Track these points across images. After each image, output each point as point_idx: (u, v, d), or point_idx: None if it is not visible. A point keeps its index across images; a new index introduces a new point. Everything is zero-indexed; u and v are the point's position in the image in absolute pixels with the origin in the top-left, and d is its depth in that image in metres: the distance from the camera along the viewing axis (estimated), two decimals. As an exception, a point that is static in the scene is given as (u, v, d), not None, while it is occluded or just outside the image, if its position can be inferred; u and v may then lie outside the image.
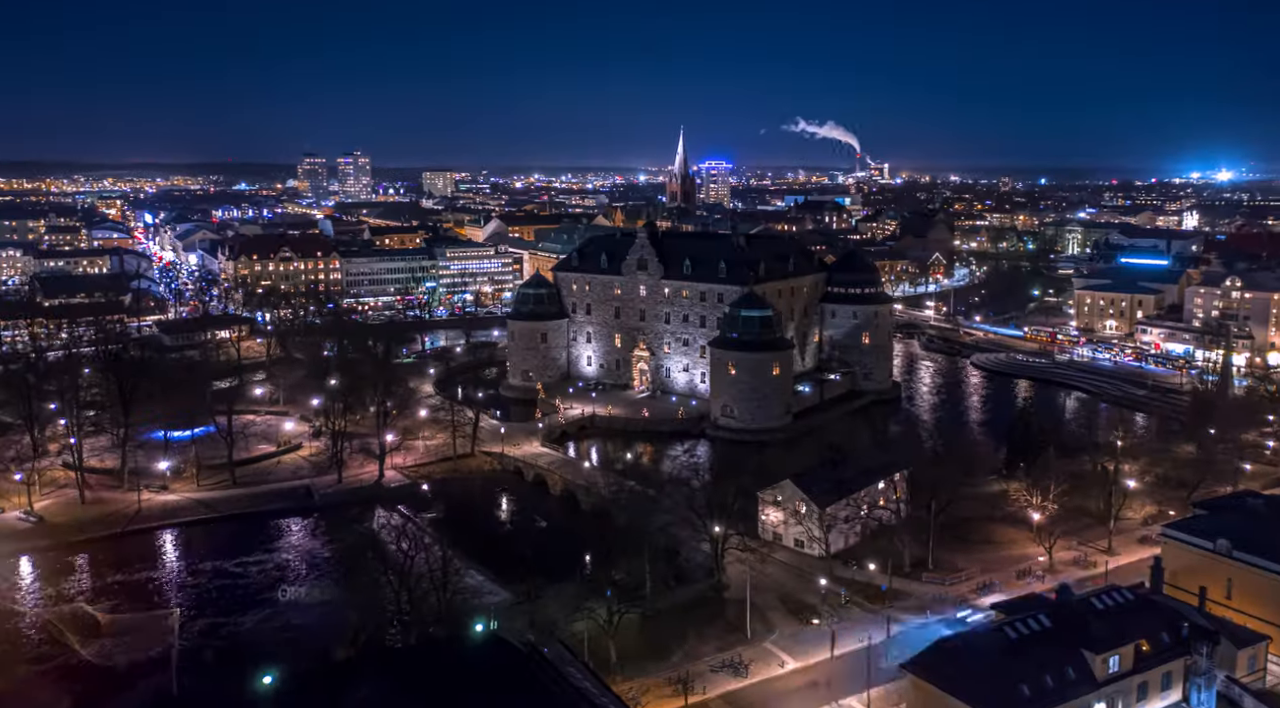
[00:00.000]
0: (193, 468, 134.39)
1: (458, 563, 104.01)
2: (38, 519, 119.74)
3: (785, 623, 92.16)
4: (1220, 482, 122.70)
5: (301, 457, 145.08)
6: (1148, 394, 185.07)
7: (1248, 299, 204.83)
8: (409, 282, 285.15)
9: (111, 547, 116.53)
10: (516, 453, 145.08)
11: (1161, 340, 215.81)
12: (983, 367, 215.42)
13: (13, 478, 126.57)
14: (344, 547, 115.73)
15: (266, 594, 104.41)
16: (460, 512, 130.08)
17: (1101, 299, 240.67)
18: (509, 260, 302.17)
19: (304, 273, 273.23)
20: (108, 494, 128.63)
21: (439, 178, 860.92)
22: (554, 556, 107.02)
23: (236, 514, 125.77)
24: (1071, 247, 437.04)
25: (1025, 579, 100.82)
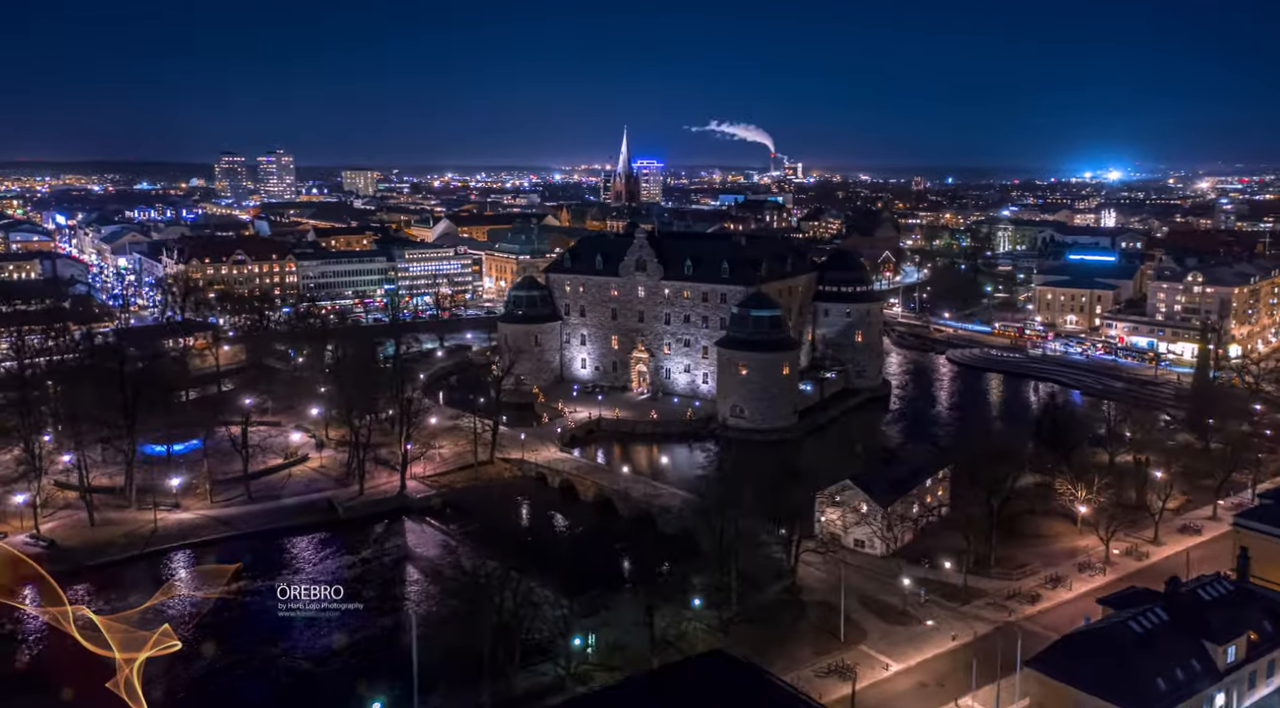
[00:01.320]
0: (205, 484, 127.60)
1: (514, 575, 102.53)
2: (49, 543, 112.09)
3: (871, 624, 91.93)
4: (1238, 470, 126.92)
5: (311, 468, 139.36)
6: (1125, 387, 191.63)
7: (1209, 294, 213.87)
8: (368, 284, 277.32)
9: (135, 569, 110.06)
10: (536, 459, 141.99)
11: (1126, 334, 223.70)
12: (959, 362, 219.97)
13: (13, 500, 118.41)
14: (383, 563, 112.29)
15: (341, 617, 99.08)
16: (494, 522, 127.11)
17: (1062, 295, 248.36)
18: (468, 262, 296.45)
19: (259, 276, 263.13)
20: (115, 514, 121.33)
21: (360, 177, 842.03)
22: (603, 562, 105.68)
23: (258, 531, 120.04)
24: (1003, 244, 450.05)
25: (1085, 572, 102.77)
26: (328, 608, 77.85)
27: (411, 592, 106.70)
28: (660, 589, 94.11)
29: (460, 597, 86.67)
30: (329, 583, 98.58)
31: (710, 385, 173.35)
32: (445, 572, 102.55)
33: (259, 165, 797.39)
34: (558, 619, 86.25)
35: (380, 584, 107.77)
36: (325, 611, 78.78)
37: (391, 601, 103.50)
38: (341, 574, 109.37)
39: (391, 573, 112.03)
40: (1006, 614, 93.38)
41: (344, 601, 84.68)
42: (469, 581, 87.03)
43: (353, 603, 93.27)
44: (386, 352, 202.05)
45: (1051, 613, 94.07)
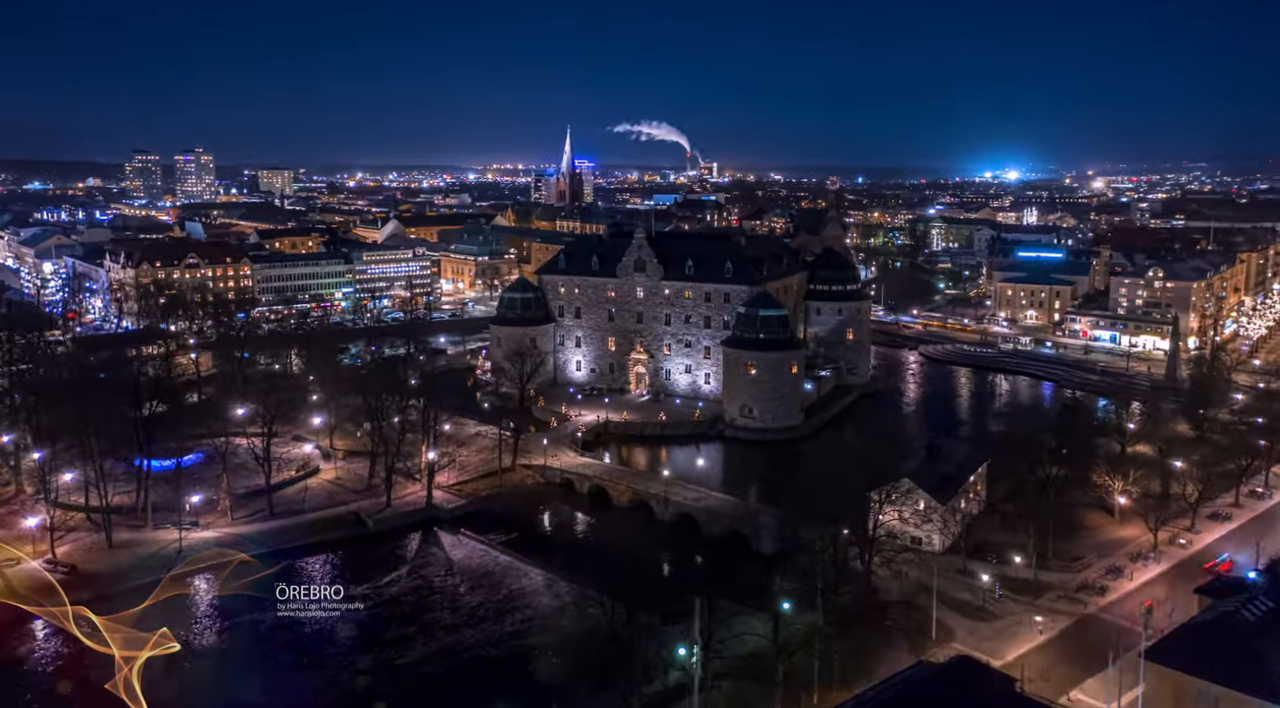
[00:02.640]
0: (225, 500, 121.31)
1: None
2: (69, 569, 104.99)
3: (955, 621, 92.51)
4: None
5: (327, 481, 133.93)
6: (1101, 379, 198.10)
7: (1170, 288, 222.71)
8: (326, 288, 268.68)
9: (170, 593, 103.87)
10: (558, 464, 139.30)
11: (1089, 328, 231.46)
12: (934, 358, 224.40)
13: (20, 524, 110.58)
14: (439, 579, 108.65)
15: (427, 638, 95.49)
16: (533, 530, 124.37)
17: (1022, 291, 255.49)
18: (427, 263, 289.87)
19: (213, 280, 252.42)
20: (132, 534, 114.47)
21: (277, 177, 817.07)
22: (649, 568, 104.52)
23: (290, 547, 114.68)
24: (936, 242, 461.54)
25: (1138, 562, 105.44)
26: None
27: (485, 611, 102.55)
28: (750, 594, 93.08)
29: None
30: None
31: (712, 386, 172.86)
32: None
33: (175, 164, 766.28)
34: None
35: (453, 606, 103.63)
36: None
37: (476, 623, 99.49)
38: (398, 593, 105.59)
39: (454, 591, 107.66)
40: (1081, 606, 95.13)
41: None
42: (597, 627, 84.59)
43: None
44: (347, 358, 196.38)
45: (1123, 603, 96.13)
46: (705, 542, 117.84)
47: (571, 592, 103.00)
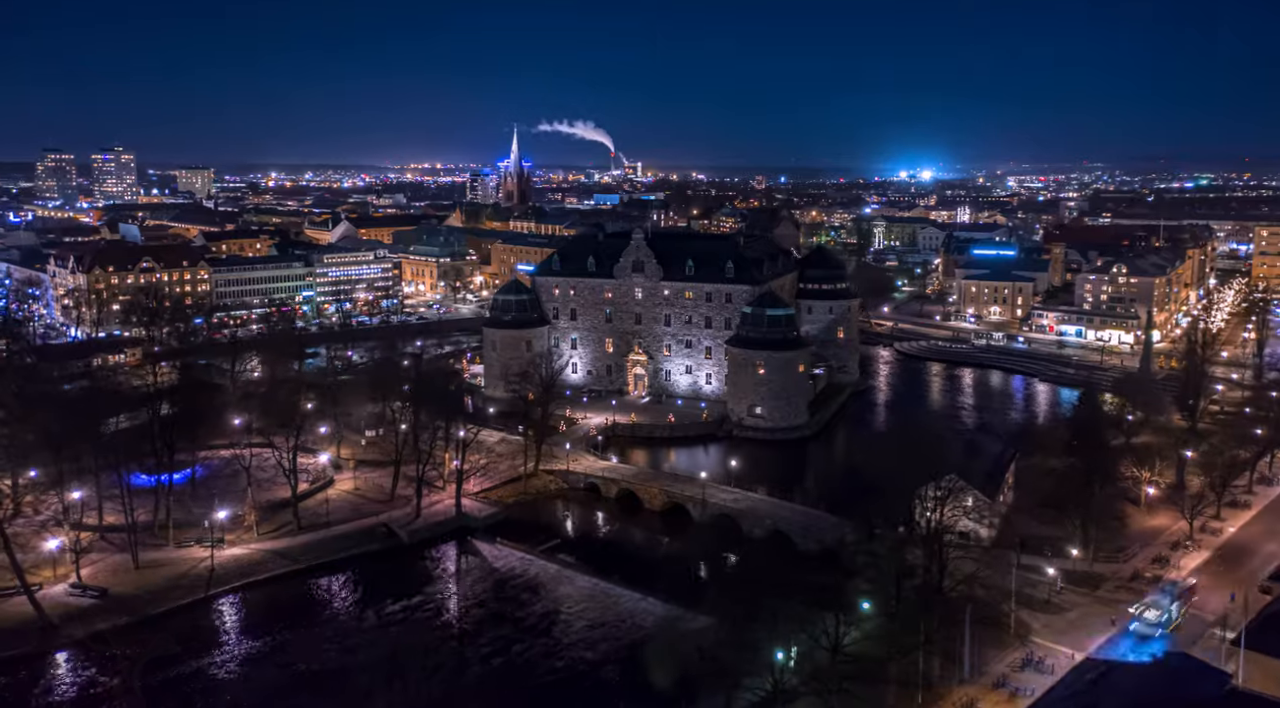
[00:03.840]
0: (250, 515, 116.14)
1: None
2: (100, 593, 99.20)
3: (1025, 615, 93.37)
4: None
5: (345, 491, 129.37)
6: (1077, 372, 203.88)
7: (1134, 284, 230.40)
8: (286, 292, 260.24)
9: (205, 614, 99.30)
10: (581, 469, 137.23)
11: (1055, 323, 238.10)
12: (911, 354, 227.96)
13: (35, 545, 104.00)
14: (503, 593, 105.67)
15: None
16: (568, 537, 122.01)
17: (986, 288, 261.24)
18: (389, 265, 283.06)
19: (169, 285, 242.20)
20: (155, 554, 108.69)
21: (196, 176, 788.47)
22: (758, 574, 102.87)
23: (324, 563, 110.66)
24: (879, 240, 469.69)
25: (1179, 550, 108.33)
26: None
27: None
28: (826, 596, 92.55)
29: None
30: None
31: (714, 386, 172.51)
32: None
33: (93, 163, 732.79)
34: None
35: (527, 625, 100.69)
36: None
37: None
38: (460, 604, 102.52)
39: (515, 600, 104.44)
40: (1141, 596, 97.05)
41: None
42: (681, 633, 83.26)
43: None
44: (310, 364, 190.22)
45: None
46: (747, 543, 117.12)
47: (632, 599, 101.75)
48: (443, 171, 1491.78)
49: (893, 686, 79.44)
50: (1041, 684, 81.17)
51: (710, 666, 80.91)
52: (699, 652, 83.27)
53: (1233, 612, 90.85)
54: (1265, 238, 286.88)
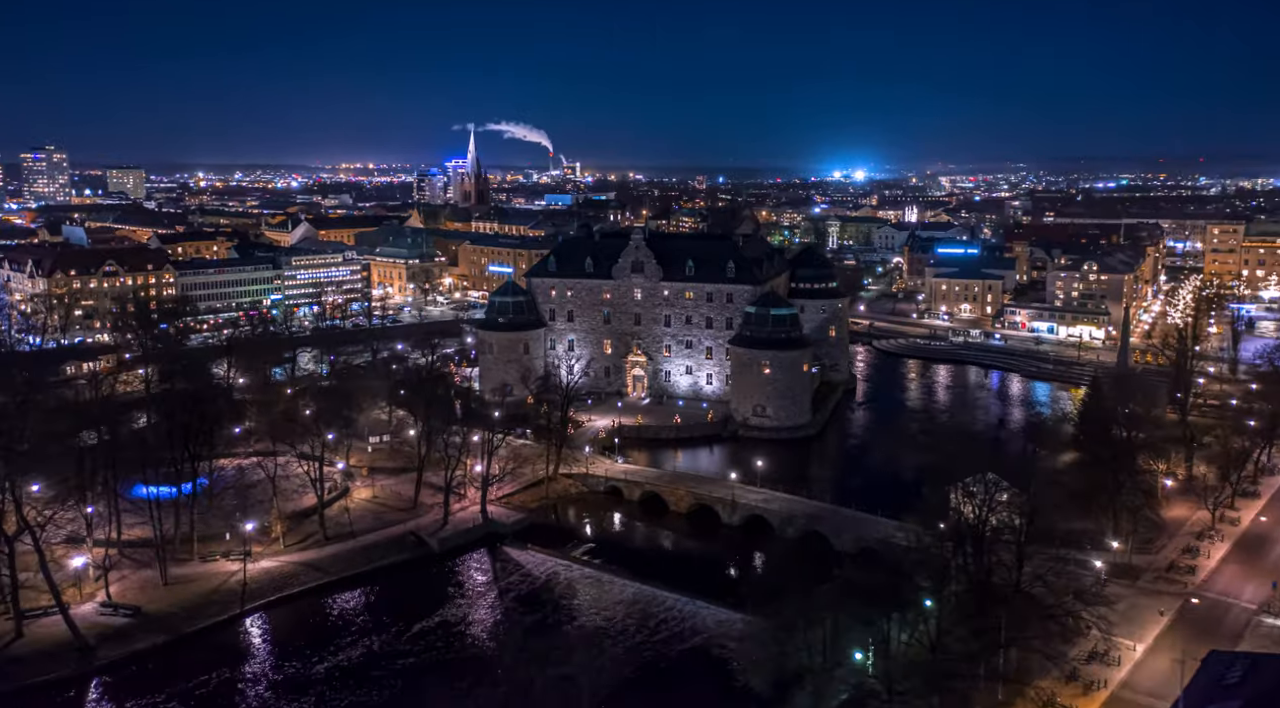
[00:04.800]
0: (278, 526, 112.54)
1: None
2: (133, 611, 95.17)
3: (1080, 609, 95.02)
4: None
5: (363, 500, 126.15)
6: (1055, 367, 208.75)
7: (1104, 280, 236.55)
8: (254, 295, 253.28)
9: (242, 630, 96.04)
10: (602, 472, 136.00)
11: (1028, 320, 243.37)
12: (890, 352, 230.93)
13: (61, 565, 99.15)
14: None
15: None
16: (600, 541, 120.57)
17: (957, 285, 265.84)
18: (358, 267, 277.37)
19: (133, 290, 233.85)
20: (181, 569, 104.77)
21: (127, 177, 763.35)
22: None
23: (357, 574, 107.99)
24: (833, 240, 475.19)
25: (1205, 541, 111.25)
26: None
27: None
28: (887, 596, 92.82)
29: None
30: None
31: (715, 387, 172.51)
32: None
33: (21, 163, 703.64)
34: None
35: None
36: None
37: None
38: (508, 614, 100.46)
39: (568, 609, 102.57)
40: (1183, 587, 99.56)
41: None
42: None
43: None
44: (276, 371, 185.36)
45: (1213, 581, 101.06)
46: (780, 543, 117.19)
47: (679, 603, 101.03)
48: (376, 171, 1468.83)
49: (977, 682, 79.91)
50: (1111, 677, 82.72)
51: (782, 669, 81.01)
52: (763, 655, 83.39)
53: (1276, 600, 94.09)
54: (1217, 236, 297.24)
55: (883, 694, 79.02)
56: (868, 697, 79.63)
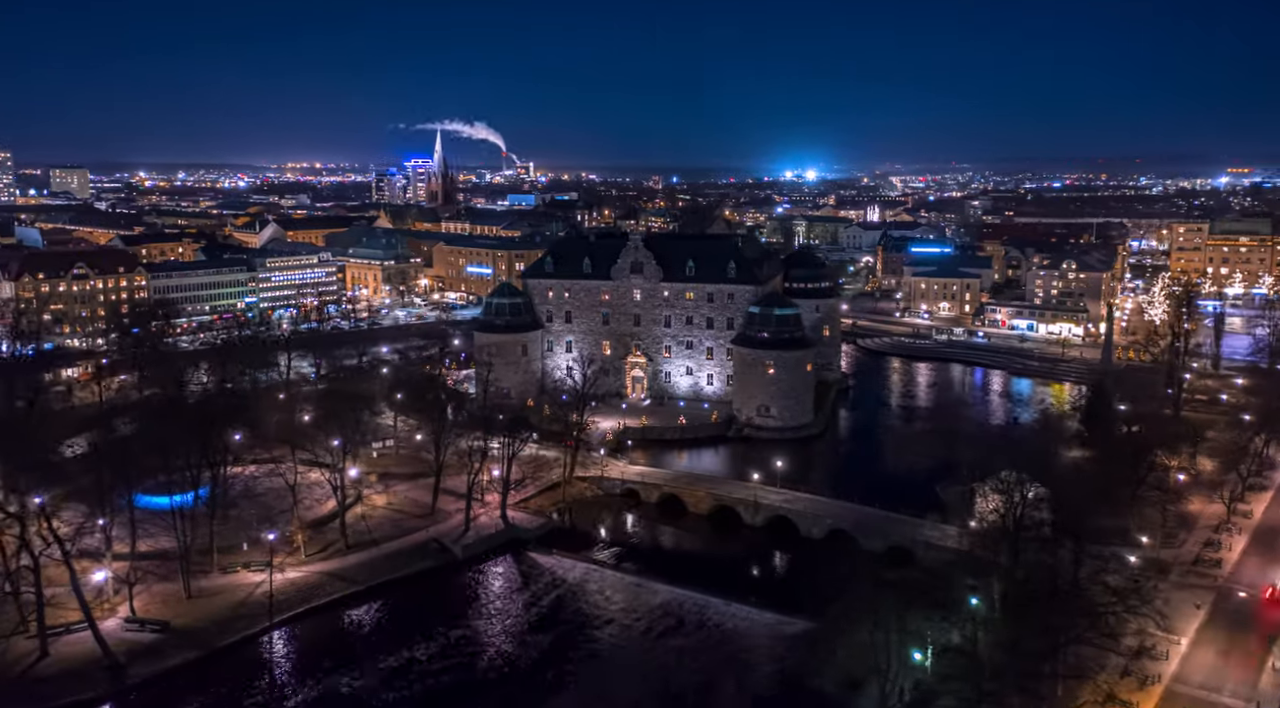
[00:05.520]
0: (299, 535, 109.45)
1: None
2: (160, 626, 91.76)
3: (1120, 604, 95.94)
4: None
5: (377, 506, 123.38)
6: (1040, 364, 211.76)
7: (1083, 279, 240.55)
8: (229, 298, 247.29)
9: (275, 644, 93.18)
10: (618, 474, 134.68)
11: (1008, 318, 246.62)
12: (877, 350, 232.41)
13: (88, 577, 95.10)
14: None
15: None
16: (624, 545, 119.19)
17: (936, 284, 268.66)
18: (333, 269, 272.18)
19: (104, 292, 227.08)
20: (202, 581, 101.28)
21: (72, 176, 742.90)
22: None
23: (383, 582, 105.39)
24: (798, 239, 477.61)
25: (1224, 533, 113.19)
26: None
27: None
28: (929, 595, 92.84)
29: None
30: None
31: (715, 387, 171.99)
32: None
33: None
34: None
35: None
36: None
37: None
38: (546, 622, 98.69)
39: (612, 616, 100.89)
40: (1213, 580, 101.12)
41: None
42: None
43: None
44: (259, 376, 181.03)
45: (1241, 573, 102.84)
46: (807, 544, 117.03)
47: (718, 605, 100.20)
48: (325, 171, 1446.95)
49: (1039, 680, 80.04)
50: (1162, 671, 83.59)
51: (847, 671, 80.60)
52: (825, 658, 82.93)
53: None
54: (1182, 234, 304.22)
55: (944, 695, 78.98)
56: (929, 697, 79.39)
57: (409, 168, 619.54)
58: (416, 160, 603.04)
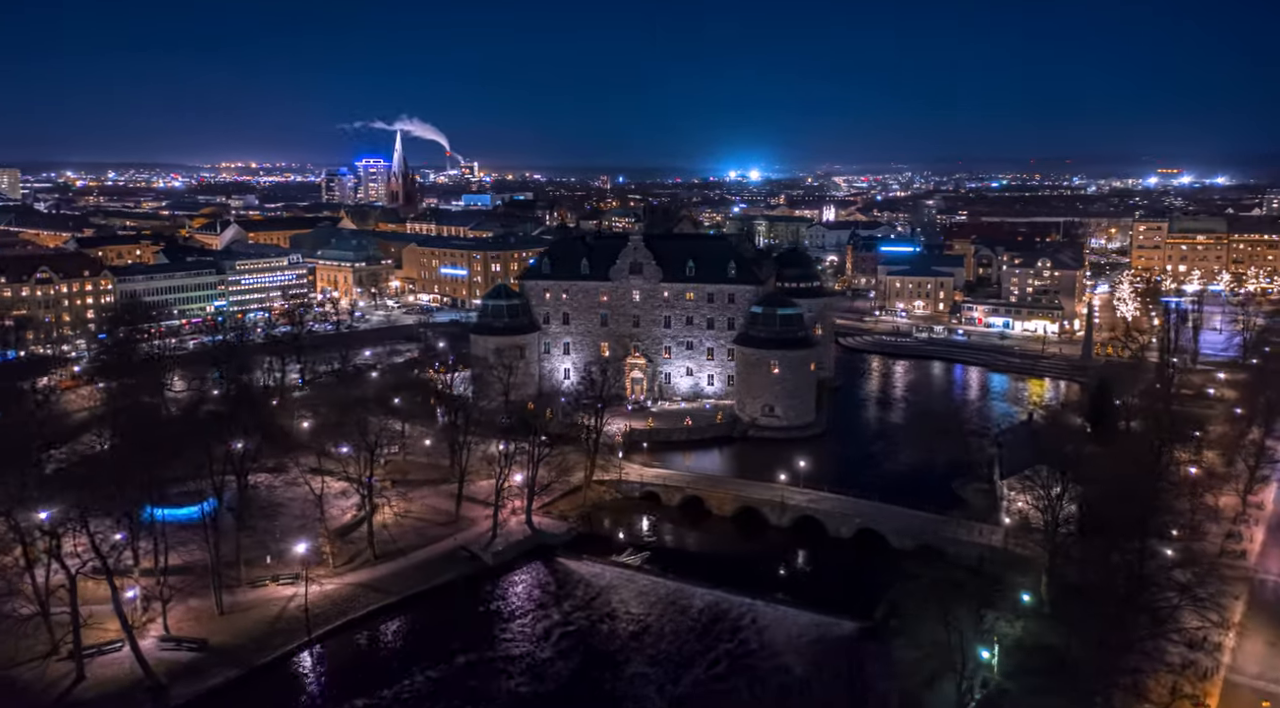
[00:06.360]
0: (329, 546, 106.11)
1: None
2: (198, 644, 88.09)
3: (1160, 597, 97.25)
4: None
5: (396, 514, 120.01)
6: (1022, 361, 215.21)
7: (1057, 276, 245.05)
8: (198, 302, 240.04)
9: (323, 660, 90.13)
10: (637, 477, 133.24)
11: (984, 315, 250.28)
12: (858, 348, 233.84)
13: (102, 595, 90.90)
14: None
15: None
16: (653, 548, 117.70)
17: (910, 283, 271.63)
18: (303, 272, 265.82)
19: (69, 297, 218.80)
20: (230, 596, 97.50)
21: (2, 176, 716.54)
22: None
23: (418, 592, 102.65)
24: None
25: (1241, 525, 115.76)
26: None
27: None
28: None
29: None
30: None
31: (716, 387, 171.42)
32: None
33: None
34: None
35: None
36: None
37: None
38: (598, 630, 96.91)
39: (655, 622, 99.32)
40: (1243, 571, 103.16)
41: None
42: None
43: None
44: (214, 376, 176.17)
45: (1267, 564, 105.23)
46: (835, 543, 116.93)
47: (761, 608, 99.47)
48: (262, 171, 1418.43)
49: (1105, 675, 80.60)
50: (1218, 663, 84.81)
51: (917, 672, 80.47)
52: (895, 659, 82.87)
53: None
54: (1143, 233, 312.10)
55: (1015, 692, 79.21)
56: (1001, 695, 79.50)
57: (360, 168, 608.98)
58: (368, 160, 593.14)
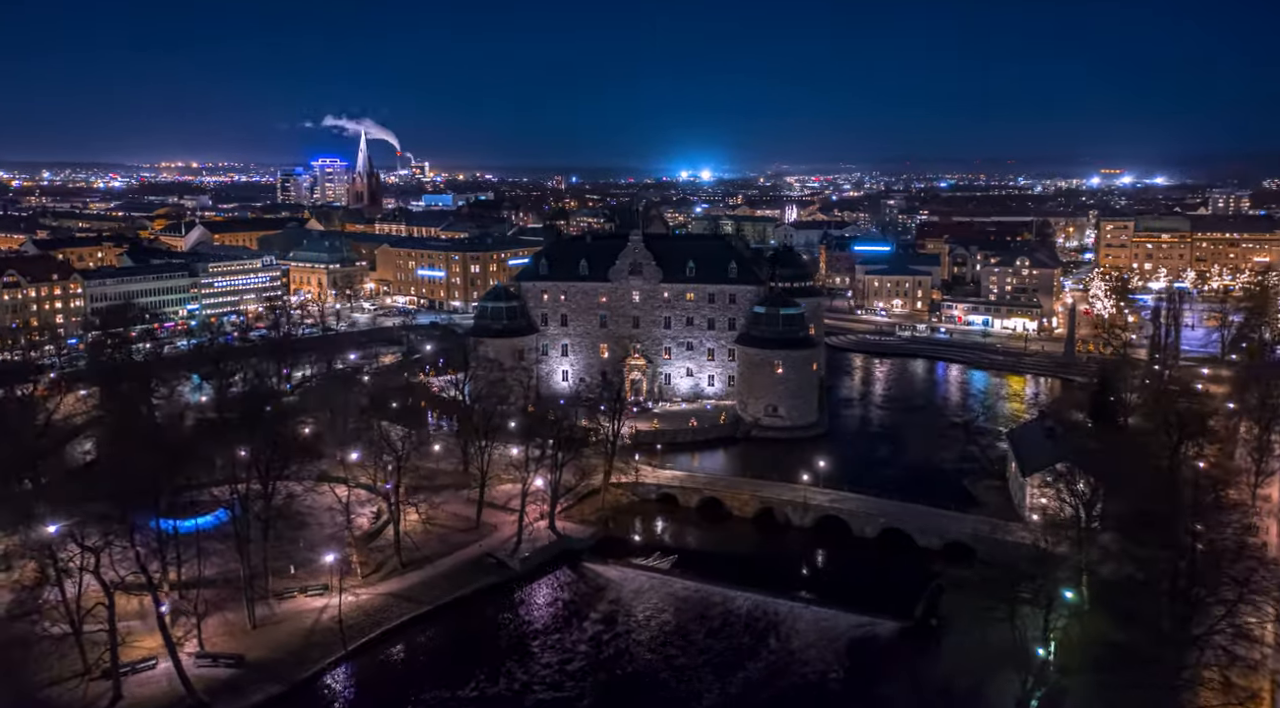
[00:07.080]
0: (355, 555, 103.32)
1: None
2: (235, 660, 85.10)
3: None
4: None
5: (416, 522, 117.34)
6: (1006, 359, 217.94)
7: (1035, 275, 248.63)
8: (170, 305, 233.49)
9: (353, 674, 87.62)
10: (653, 480, 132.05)
11: (964, 313, 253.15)
12: (841, 347, 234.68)
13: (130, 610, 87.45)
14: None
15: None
16: (678, 551, 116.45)
17: (888, 282, 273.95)
18: (278, 273, 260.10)
19: (37, 301, 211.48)
20: (259, 609, 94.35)
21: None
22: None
23: (450, 601, 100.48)
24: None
25: (1256, 517, 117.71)
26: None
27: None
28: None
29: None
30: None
31: (717, 388, 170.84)
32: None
33: None
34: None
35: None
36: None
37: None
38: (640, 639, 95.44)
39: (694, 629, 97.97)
40: (1265, 566, 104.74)
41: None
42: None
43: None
44: (194, 381, 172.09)
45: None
46: (860, 543, 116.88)
47: (801, 609, 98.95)
48: (204, 171, 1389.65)
49: (1163, 672, 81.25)
50: (1265, 656, 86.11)
51: (978, 670, 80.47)
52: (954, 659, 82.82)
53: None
54: (1110, 231, 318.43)
55: (1075, 689, 79.50)
56: (1062, 694, 79.75)
57: (316, 168, 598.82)
58: (325, 160, 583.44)
